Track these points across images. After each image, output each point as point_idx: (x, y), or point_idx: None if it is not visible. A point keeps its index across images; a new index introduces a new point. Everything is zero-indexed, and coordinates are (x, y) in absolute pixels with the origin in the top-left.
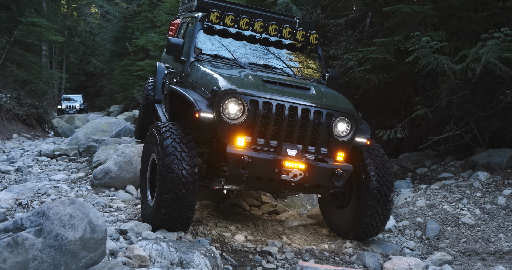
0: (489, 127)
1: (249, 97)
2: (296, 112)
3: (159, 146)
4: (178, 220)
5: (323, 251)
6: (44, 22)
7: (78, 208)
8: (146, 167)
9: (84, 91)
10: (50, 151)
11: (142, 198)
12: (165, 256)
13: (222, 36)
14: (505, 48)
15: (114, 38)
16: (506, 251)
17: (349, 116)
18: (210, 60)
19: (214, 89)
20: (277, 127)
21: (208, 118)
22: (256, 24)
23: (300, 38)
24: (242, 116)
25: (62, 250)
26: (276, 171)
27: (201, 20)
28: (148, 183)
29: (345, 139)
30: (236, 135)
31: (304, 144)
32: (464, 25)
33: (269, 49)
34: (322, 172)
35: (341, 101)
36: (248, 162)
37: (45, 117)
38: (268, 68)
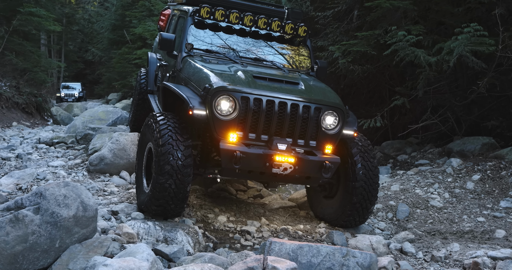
0: (467, 116)
1: (240, 94)
2: (286, 107)
3: (156, 135)
4: (172, 207)
5: (298, 231)
6: (42, 12)
7: (72, 189)
8: (142, 155)
9: (83, 79)
10: (49, 138)
11: (138, 185)
12: (152, 233)
13: (212, 30)
14: (476, 42)
15: (112, 26)
16: (467, 231)
17: (337, 110)
18: (202, 55)
19: (206, 86)
20: (268, 122)
21: (201, 115)
22: (246, 18)
23: (289, 31)
24: (233, 112)
25: (58, 226)
26: (267, 165)
27: (192, 15)
28: (144, 171)
29: (333, 132)
30: (228, 130)
31: (293, 138)
32: (442, 19)
33: (259, 42)
34: (311, 165)
35: (329, 95)
36: (240, 157)
37: (44, 105)
38: (258, 61)
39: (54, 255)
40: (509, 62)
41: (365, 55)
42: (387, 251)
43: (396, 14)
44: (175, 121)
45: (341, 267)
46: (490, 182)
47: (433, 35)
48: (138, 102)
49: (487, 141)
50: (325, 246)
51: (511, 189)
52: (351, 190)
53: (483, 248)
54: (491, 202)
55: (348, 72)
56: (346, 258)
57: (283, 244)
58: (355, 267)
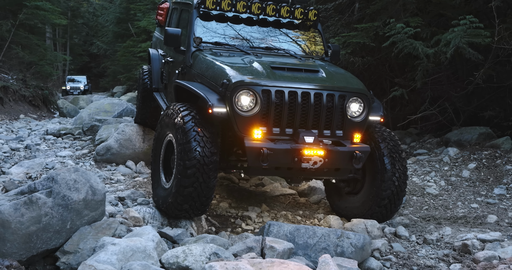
0: (466, 107)
1: (261, 87)
2: (309, 98)
3: (179, 128)
4: (197, 205)
5: (297, 216)
6: (48, 5)
7: (81, 174)
8: (160, 148)
9: (88, 72)
10: (56, 130)
11: (155, 180)
12: (157, 218)
13: (219, 21)
14: (472, 34)
15: (116, 20)
16: (460, 217)
17: (362, 96)
18: (211, 48)
19: (224, 82)
20: (291, 114)
21: (222, 112)
22: (253, 6)
23: (299, 15)
24: (255, 107)
25: (68, 208)
26: (296, 160)
27: (197, 7)
28: (161, 165)
29: (359, 119)
30: (251, 126)
31: (319, 129)
32: (440, 11)
33: (268, 30)
34: (341, 156)
35: (351, 81)
36: (267, 154)
37: (50, 98)
38: (270, 50)
39: (65, 236)
40: (505, 54)
41: (365, 47)
42: (381, 235)
43: (395, 7)
44: (197, 112)
45: (335, 248)
46: (485, 170)
47: (432, 27)
48: (142, 100)
49: (484, 131)
50: (320, 228)
51: (505, 176)
52: (379, 185)
53: (474, 232)
54: (485, 189)
55: (348, 64)
56: (340, 239)
57: (281, 226)
58: (349, 247)
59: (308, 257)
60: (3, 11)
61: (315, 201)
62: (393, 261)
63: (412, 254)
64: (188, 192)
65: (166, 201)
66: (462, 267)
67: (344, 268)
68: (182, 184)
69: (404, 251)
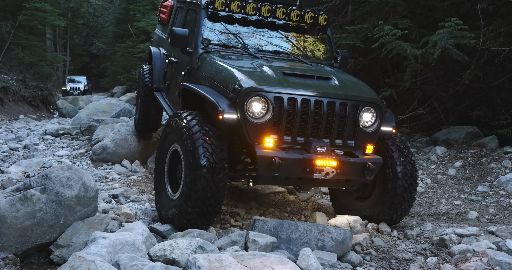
0: (455, 107)
1: (273, 94)
2: (322, 106)
3: (186, 137)
4: (207, 216)
5: (284, 213)
6: (47, 7)
7: (74, 172)
8: (165, 157)
9: (88, 73)
10: (55, 130)
11: (158, 191)
12: (148, 214)
13: (227, 23)
14: (458, 35)
15: (116, 20)
16: (443, 213)
17: (375, 106)
18: (219, 50)
19: (235, 87)
20: (303, 123)
21: (232, 119)
22: (263, 9)
23: (309, 20)
24: (266, 114)
25: (62, 204)
26: (307, 170)
27: (206, 7)
28: (166, 175)
29: (372, 129)
30: (262, 134)
31: (331, 138)
32: (428, 13)
33: (276, 33)
34: (353, 167)
35: (364, 89)
36: (279, 164)
37: (50, 98)
38: (279, 54)
39: (59, 230)
40: (491, 55)
41: (357, 48)
42: (364, 230)
43: (385, 9)
44: (204, 120)
45: (316, 242)
46: (471, 168)
47: (421, 28)
48: (143, 100)
49: (471, 130)
50: (303, 223)
51: (489, 174)
52: (390, 190)
53: (453, 227)
54: (470, 187)
55: None
56: (321, 233)
57: (265, 221)
58: (329, 241)
59: (290, 250)
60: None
61: (304, 199)
62: (373, 254)
63: (392, 248)
64: (196, 205)
65: (172, 211)
66: (438, 260)
67: (323, 260)
68: (190, 196)
69: (385, 245)
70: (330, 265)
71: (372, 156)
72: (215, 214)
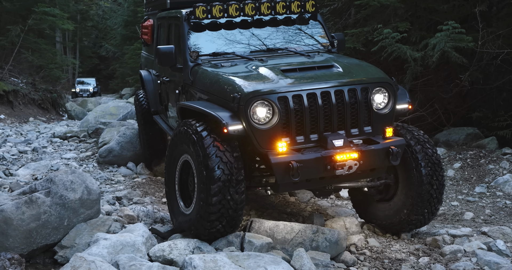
0: (456, 108)
1: (276, 95)
2: (330, 97)
3: (197, 146)
4: (227, 229)
5: (283, 214)
6: (56, 11)
7: (78, 176)
8: (175, 169)
9: (98, 74)
10: (63, 133)
11: (172, 207)
12: (150, 215)
13: (212, 30)
14: (456, 38)
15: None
16: (440, 214)
17: (385, 85)
18: (210, 60)
19: (235, 96)
20: (314, 118)
21: (238, 130)
22: (246, 7)
23: (296, 9)
24: (273, 117)
25: (66, 207)
26: (328, 168)
27: (187, 19)
28: (177, 188)
29: (387, 110)
30: (273, 139)
31: (346, 129)
32: (429, 16)
33: (265, 30)
34: (376, 155)
35: (370, 70)
36: (297, 168)
37: (59, 101)
38: (273, 52)
39: (63, 232)
40: (489, 57)
41: (358, 51)
42: (359, 231)
43: (386, 12)
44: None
45: (311, 242)
46: (470, 169)
47: (422, 31)
48: (145, 126)
49: (471, 131)
50: (298, 224)
51: (487, 176)
52: (417, 194)
53: (447, 228)
54: (467, 188)
55: None
56: (316, 234)
57: (262, 223)
58: (323, 242)
59: (285, 251)
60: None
61: (304, 200)
62: (367, 255)
63: (386, 249)
64: (214, 220)
65: (188, 228)
66: (429, 260)
67: (317, 260)
68: (207, 211)
69: (379, 245)
70: (323, 265)
71: (393, 139)
72: (236, 227)
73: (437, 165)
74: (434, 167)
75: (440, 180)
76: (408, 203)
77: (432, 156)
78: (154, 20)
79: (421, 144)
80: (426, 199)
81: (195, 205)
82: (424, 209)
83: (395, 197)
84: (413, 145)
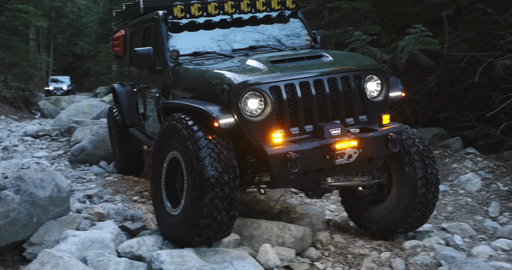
0: (425, 109)
1: (268, 85)
2: (323, 85)
3: (188, 142)
4: (219, 234)
5: (252, 211)
6: (29, 8)
7: (48, 174)
8: (161, 167)
9: (72, 72)
10: (35, 131)
11: (157, 207)
12: (120, 213)
13: (191, 30)
14: (423, 41)
15: (100, 20)
16: None
17: (377, 72)
18: (191, 60)
19: (224, 87)
20: (308, 108)
21: (229, 123)
22: (226, 5)
23: (276, 6)
24: (266, 108)
25: (35, 204)
26: (327, 157)
27: (164, 19)
28: (164, 188)
29: (381, 98)
30: (266, 131)
31: (341, 118)
32: (399, 19)
33: (245, 30)
34: (375, 143)
35: (361, 58)
36: (296, 158)
37: (32, 99)
38: (255, 49)
39: (32, 229)
40: (455, 60)
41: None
42: (326, 228)
43: (357, 14)
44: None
45: (277, 238)
46: None
47: (392, 34)
48: (120, 141)
49: (437, 131)
50: (265, 221)
51: (451, 174)
52: (411, 194)
53: None
54: None
55: None
56: (282, 231)
57: None
58: (289, 238)
59: (252, 247)
60: None
61: (274, 199)
62: (331, 250)
63: (350, 244)
64: (206, 223)
65: (177, 230)
66: (391, 255)
67: (282, 255)
68: (198, 212)
69: (343, 241)
70: (288, 260)
71: (391, 125)
72: (230, 227)
73: (431, 161)
74: (428, 164)
75: (434, 175)
76: (403, 204)
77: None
78: (126, 30)
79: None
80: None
81: (185, 205)
82: (420, 208)
83: (388, 198)
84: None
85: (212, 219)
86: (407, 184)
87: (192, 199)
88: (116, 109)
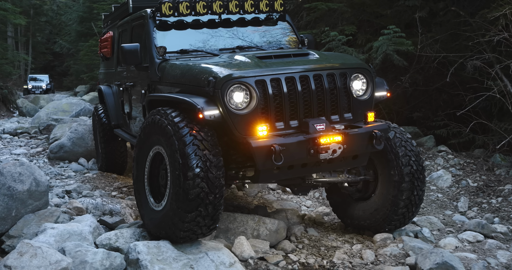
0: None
1: (254, 78)
2: (309, 81)
3: (172, 137)
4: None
5: (230, 206)
6: (7, 5)
7: (26, 168)
8: (144, 162)
9: (52, 71)
10: (13, 129)
11: (140, 203)
12: (99, 208)
13: (178, 29)
14: (397, 42)
15: (80, 19)
16: None
17: (363, 71)
18: (178, 57)
19: (210, 80)
20: (293, 103)
21: (214, 115)
22: (214, 5)
23: (265, 8)
24: (251, 102)
25: (14, 198)
26: (312, 152)
27: (152, 16)
28: (147, 184)
29: (366, 96)
30: (251, 125)
31: (326, 115)
32: (374, 20)
33: (233, 30)
34: (360, 139)
35: (347, 57)
36: (280, 151)
37: (10, 97)
38: (242, 49)
39: (11, 222)
40: (428, 60)
41: None
42: (300, 222)
43: (334, 15)
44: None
45: (252, 231)
46: None
47: (367, 34)
48: (105, 141)
49: (411, 130)
50: (240, 214)
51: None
52: (396, 193)
53: None
54: None
55: None
56: (257, 224)
57: None
58: (264, 231)
59: (228, 239)
60: None
61: (251, 195)
62: (305, 243)
63: (324, 237)
64: (191, 218)
65: (161, 226)
66: (362, 247)
67: (257, 247)
68: (183, 208)
69: (317, 235)
70: (263, 252)
71: (376, 123)
72: (214, 222)
73: (417, 161)
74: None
75: (421, 175)
76: (389, 202)
77: (412, 150)
78: (114, 31)
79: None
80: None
81: (169, 201)
82: (406, 207)
83: (374, 196)
84: (393, 141)
85: (198, 213)
86: (393, 185)
87: (177, 194)
88: (101, 109)
